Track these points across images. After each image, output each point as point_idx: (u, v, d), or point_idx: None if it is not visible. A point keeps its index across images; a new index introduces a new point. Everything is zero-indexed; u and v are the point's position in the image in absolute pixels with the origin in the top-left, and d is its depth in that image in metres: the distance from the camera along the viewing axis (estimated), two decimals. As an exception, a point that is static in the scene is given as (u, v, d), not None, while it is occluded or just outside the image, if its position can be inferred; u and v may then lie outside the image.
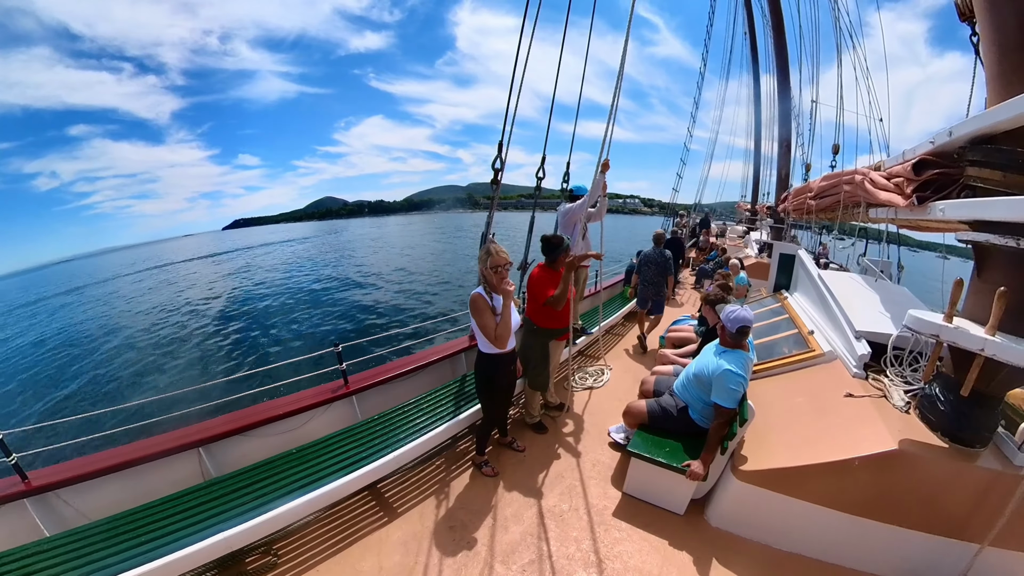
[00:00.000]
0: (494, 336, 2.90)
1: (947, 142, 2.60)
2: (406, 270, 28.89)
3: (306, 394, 3.59)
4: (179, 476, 2.94)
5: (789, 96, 11.42)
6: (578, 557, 2.67)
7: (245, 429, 3.17)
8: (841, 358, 3.47)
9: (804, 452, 2.67)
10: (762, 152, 20.04)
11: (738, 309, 2.93)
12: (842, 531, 2.55)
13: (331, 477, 2.83)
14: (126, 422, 3.25)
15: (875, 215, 4.00)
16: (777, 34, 11.25)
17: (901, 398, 2.76)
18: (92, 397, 10.82)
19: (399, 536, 2.84)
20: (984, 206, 2.28)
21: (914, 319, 2.44)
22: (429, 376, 4.29)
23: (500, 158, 4.08)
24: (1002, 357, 2.05)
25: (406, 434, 3.33)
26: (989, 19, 2.35)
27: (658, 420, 3.27)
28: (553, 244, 3.63)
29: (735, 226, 22.76)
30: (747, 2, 18.08)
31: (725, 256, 10.12)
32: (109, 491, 2.75)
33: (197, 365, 12.11)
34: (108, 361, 13.57)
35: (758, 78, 19.22)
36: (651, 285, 6.16)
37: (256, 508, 2.56)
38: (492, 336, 2.90)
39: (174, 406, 3.53)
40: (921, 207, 2.82)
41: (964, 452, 2.33)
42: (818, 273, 4.77)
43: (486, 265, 2.88)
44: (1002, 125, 2.19)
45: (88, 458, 2.80)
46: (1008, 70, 2.25)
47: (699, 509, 3.06)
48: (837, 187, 4.77)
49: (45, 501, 2.63)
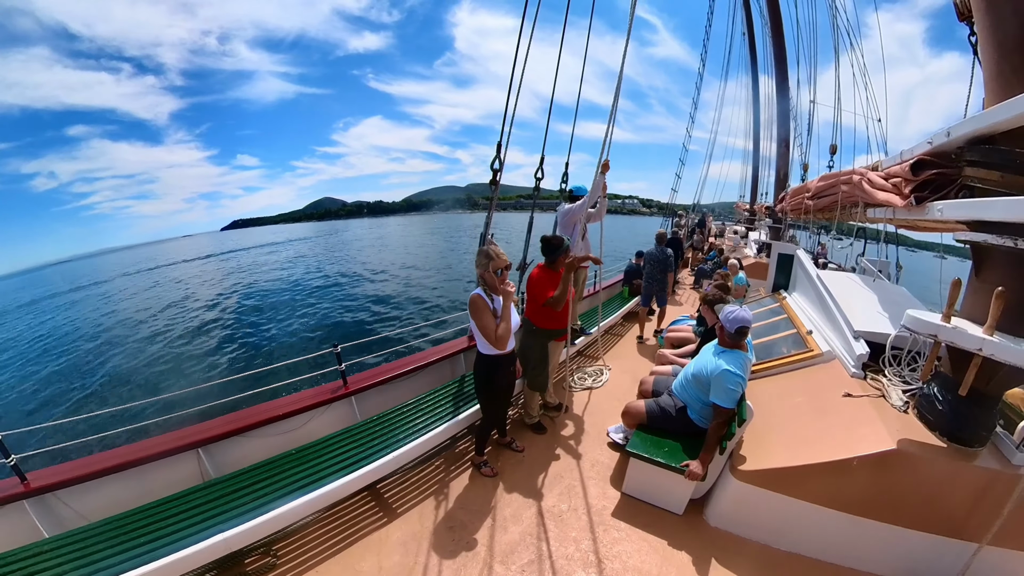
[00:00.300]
0: (495, 337, 2.90)
1: (945, 142, 2.60)
2: (406, 270, 28.93)
3: (305, 395, 3.59)
4: (178, 477, 2.94)
5: (788, 97, 11.45)
6: (577, 557, 2.67)
7: (244, 430, 3.16)
8: (840, 358, 3.48)
9: (803, 452, 2.67)
10: (761, 152, 20.10)
11: (737, 309, 2.93)
12: (841, 531, 2.55)
13: (331, 478, 2.83)
14: (125, 423, 3.25)
15: (873, 215, 4.00)
16: (776, 35, 11.27)
17: (899, 398, 2.77)
18: (91, 398, 10.81)
19: (399, 536, 2.84)
20: (982, 206, 2.28)
21: (912, 319, 2.44)
22: (428, 376, 4.29)
23: (499, 159, 4.08)
24: (1000, 357, 2.05)
25: (405, 434, 3.33)
26: (988, 19, 2.36)
27: (657, 420, 3.27)
28: (553, 245, 3.63)
29: (734, 226, 22.80)
30: (746, 3, 18.10)
31: (724, 256, 10.17)
32: (108, 492, 2.74)
33: (196, 366, 12.10)
34: (107, 362, 13.57)
35: (757, 79, 19.26)
36: (655, 281, 6.74)
37: (255, 509, 2.56)
38: (492, 338, 2.90)
39: (173, 407, 3.53)
40: (919, 207, 2.82)
41: (962, 451, 2.34)
42: (816, 273, 4.77)
43: (486, 267, 2.89)
44: (1000, 125, 2.20)
45: (87, 459, 2.79)
46: (1007, 70, 2.25)
47: (698, 509, 3.06)
48: (835, 187, 4.77)
49: (44, 502, 2.62)
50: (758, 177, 20.62)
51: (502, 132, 4.01)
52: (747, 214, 20.88)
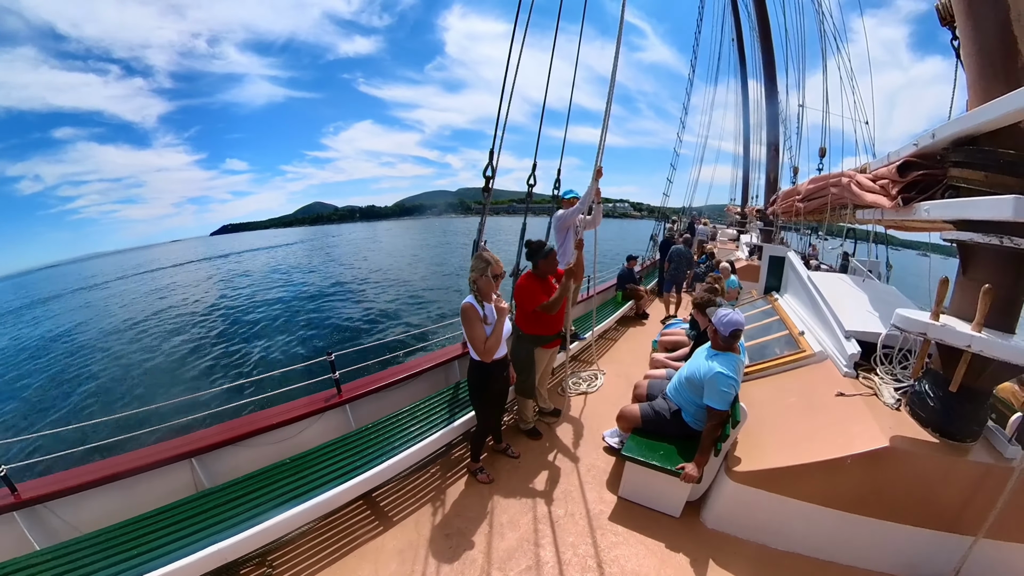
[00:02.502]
0: (483, 349, 2.90)
1: (930, 144, 2.65)
2: (401, 276, 28.79)
3: (299, 403, 3.56)
4: (172, 487, 2.90)
5: (776, 101, 11.60)
6: (575, 562, 2.66)
7: (238, 439, 3.13)
8: (832, 358, 3.51)
9: (797, 451, 2.69)
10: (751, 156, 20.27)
11: (730, 313, 2.94)
12: (837, 528, 2.57)
13: (325, 487, 2.81)
14: (117, 433, 3.20)
15: (862, 216, 4.05)
16: (764, 41, 11.42)
17: (891, 395, 2.80)
18: (82, 408, 10.65)
19: (395, 545, 2.82)
20: (967, 206, 2.33)
21: (902, 318, 2.48)
22: (423, 384, 4.27)
23: (491, 166, 4.08)
24: (988, 352, 2.09)
25: (400, 442, 3.31)
26: (970, 25, 2.41)
27: (652, 424, 3.28)
28: (534, 248, 3.66)
29: (726, 229, 22.97)
30: (735, 9, 18.36)
31: (716, 260, 10.29)
32: (100, 503, 2.70)
33: (189, 375, 11.96)
34: (99, 371, 13.37)
35: (746, 83, 19.46)
36: (681, 273, 8.37)
37: (250, 519, 2.53)
38: (481, 349, 2.91)
39: (166, 416, 3.49)
40: (907, 208, 2.87)
41: (955, 446, 2.36)
42: (807, 275, 4.82)
43: (483, 272, 2.90)
44: (984, 127, 2.25)
45: (79, 469, 2.75)
46: (989, 74, 2.30)
47: (695, 511, 3.07)
48: (824, 189, 4.83)
49: (35, 514, 2.57)
50: (748, 180, 20.79)
51: (494, 138, 4.01)
52: (738, 217, 21.04)
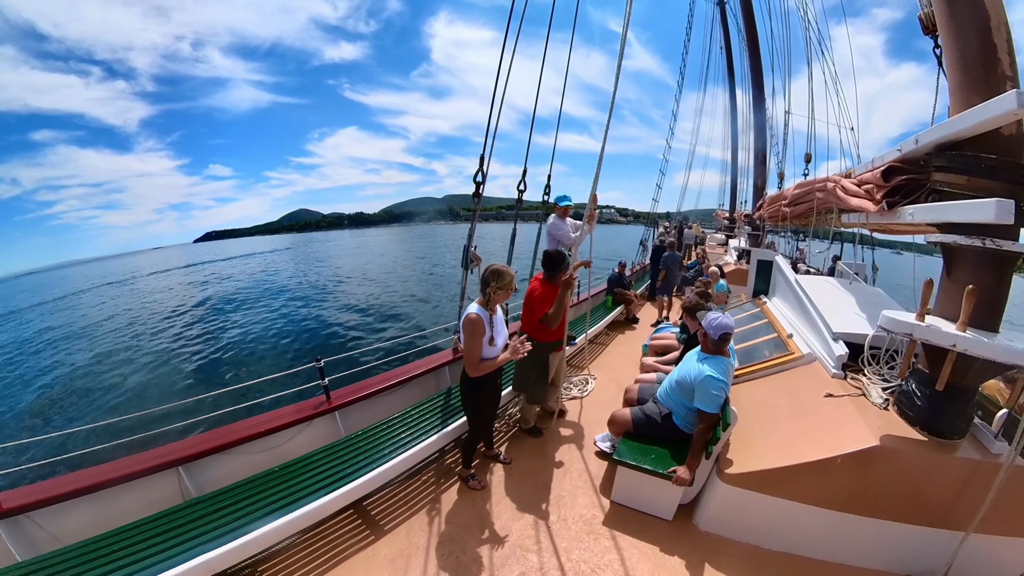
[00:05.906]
0: (475, 367, 2.88)
1: (914, 149, 2.71)
2: (389, 282, 28.65)
3: (288, 410, 3.51)
4: (157, 496, 2.84)
5: (764, 110, 11.82)
6: (568, 568, 2.65)
7: (225, 447, 3.07)
8: (820, 359, 3.54)
9: (788, 452, 2.70)
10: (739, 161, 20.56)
11: (720, 316, 2.97)
12: (829, 527, 2.59)
13: (315, 495, 2.77)
14: (101, 441, 3.12)
15: (848, 220, 4.11)
16: (752, 52, 11.68)
17: (879, 395, 2.83)
18: (65, 415, 10.41)
19: (386, 554, 2.79)
20: (950, 209, 2.38)
21: (888, 319, 2.52)
22: (413, 390, 4.24)
23: (482, 171, 4.09)
24: (973, 351, 2.13)
25: (391, 449, 3.28)
26: (952, 33, 2.48)
27: (643, 427, 3.28)
28: (556, 260, 3.61)
29: (714, 233, 23.23)
30: (723, 19, 18.75)
31: (705, 264, 10.39)
32: (84, 513, 2.63)
33: (175, 382, 11.77)
34: (82, 378, 13.09)
35: (734, 91, 19.78)
36: (675, 277, 8.68)
37: (238, 529, 2.48)
38: (474, 366, 2.89)
39: (152, 424, 3.42)
40: (891, 212, 2.91)
41: (943, 444, 2.40)
42: (795, 278, 4.87)
43: (501, 284, 2.89)
44: (965, 132, 2.31)
45: (62, 479, 2.68)
46: (971, 80, 2.36)
47: (687, 514, 3.07)
48: (810, 194, 4.90)
49: (17, 524, 2.50)
50: (736, 185, 21.06)
51: (484, 145, 4.04)
52: (727, 222, 21.28)
